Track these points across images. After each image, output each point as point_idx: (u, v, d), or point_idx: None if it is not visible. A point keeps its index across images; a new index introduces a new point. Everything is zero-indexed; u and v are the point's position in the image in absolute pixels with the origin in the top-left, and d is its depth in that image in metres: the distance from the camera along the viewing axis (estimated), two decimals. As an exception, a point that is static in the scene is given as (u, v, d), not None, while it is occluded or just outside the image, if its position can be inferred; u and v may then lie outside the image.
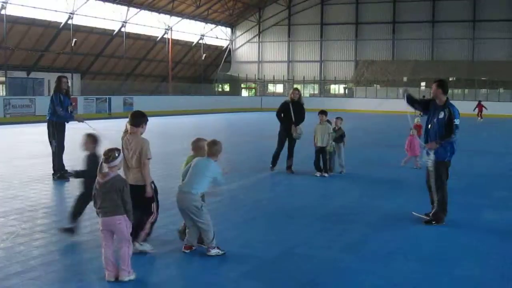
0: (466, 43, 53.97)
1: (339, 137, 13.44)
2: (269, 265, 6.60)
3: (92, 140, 7.47)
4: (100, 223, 6.07)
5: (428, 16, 55.20)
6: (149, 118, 6.98)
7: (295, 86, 14.45)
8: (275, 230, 8.25)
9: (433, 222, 8.50)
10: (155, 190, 6.93)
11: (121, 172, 6.37)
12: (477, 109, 38.93)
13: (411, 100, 9.10)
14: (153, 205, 6.88)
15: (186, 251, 6.91)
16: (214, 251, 6.78)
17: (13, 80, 39.54)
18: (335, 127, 13.45)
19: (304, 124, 13.54)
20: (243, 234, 8.00)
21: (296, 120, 13.46)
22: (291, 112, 13.52)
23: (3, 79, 39.89)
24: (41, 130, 15.84)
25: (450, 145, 8.48)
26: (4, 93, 39.73)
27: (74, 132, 10.54)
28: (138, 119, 6.89)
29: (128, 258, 6.02)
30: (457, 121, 8.35)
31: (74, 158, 13.58)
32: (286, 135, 13.60)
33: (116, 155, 6.00)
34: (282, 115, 13.68)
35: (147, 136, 7.00)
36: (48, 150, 12.53)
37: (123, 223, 5.96)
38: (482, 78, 49.96)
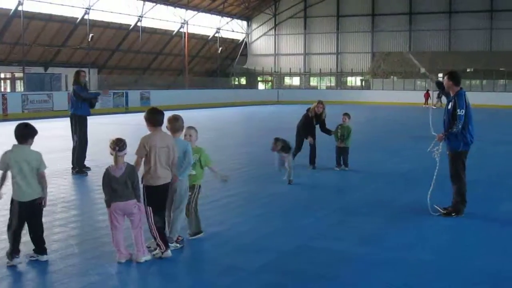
0: (484, 34, 53.27)
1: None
2: (286, 257, 6.61)
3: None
4: (113, 208, 6.31)
5: (445, 6, 54.53)
6: (166, 112, 6.81)
7: (319, 99, 13.64)
8: (292, 223, 8.25)
9: (453, 214, 8.44)
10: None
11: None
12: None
13: (439, 84, 8.91)
14: None
15: (195, 237, 7.16)
16: (173, 245, 6.71)
17: (31, 76, 39.78)
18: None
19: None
20: (260, 227, 8.00)
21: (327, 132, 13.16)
22: (313, 127, 13.03)
23: (21, 74, 40.24)
24: (59, 125, 16.01)
25: (461, 135, 8.26)
26: (22, 89, 40.09)
27: (96, 127, 10.60)
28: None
29: (143, 239, 6.38)
30: (460, 112, 8.10)
31: (93, 152, 13.75)
32: (303, 139, 13.23)
33: (125, 143, 6.29)
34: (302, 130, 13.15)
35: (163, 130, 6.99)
36: (66, 145, 12.62)
37: (137, 206, 6.36)
38: (501, 69, 49.34)
